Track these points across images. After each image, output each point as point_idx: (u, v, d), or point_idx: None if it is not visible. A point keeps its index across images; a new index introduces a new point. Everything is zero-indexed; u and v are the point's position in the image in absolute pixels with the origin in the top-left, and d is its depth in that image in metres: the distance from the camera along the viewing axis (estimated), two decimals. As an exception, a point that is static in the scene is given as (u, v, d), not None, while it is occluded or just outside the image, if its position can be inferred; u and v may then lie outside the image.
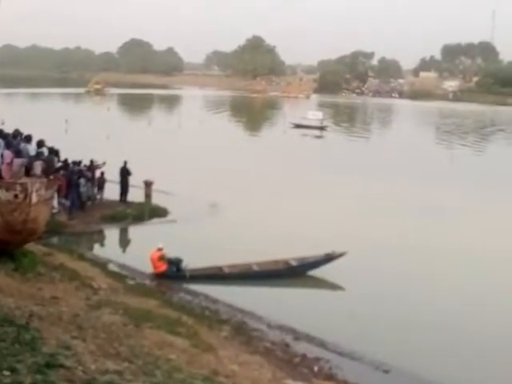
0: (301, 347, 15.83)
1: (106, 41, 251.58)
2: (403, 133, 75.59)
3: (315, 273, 21.35)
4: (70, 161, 27.27)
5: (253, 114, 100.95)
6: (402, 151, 54.50)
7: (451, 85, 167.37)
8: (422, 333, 17.18)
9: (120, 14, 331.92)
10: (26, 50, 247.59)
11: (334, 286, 20.83)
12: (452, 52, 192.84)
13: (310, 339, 16.42)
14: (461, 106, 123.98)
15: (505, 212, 31.56)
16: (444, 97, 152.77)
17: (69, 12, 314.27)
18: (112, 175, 29.50)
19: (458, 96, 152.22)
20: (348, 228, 26.41)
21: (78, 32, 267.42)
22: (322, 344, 16.18)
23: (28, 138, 19.61)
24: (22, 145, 19.11)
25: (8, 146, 18.59)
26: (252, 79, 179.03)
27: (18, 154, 18.17)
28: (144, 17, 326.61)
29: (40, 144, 20.45)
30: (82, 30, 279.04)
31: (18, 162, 17.53)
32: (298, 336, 16.51)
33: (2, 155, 18.35)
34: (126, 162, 29.60)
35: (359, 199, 32.65)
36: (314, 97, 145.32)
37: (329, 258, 21.26)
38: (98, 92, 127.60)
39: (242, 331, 16.18)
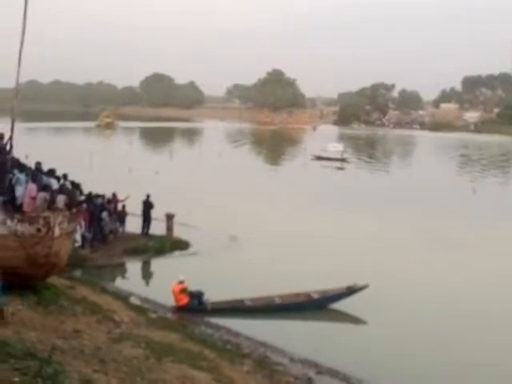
0: (324, 382, 15.68)
1: (128, 75, 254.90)
2: (425, 164, 75.27)
3: (337, 306, 21.20)
4: (92, 194, 27.54)
5: (272, 146, 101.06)
6: (424, 183, 54.23)
7: (472, 116, 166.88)
8: (446, 368, 16.93)
9: (142, 49, 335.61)
10: (50, 86, 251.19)
11: (356, 320, 20.63)
12: (472, 83, 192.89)
13: (333, 374, 16.25)
14: (482, 138, 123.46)
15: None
16: (465, 128, 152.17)
17: (90, 48, 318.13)
18: (134, 208, 29.64)
19: (479, 127, 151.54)
20: (369, 261, 26.25)
21: (101, 67, 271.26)
22: (345, 378, 16.01)
23: (51, 172, 19.81)
24: (45, 178, 19.29)
25: (33, 179, 18.79)
26: (272, 112, 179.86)
27: (42, 187, 18.34)
28: (166, 51, 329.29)
29: (63, 177, 20.67)
30: (105, 66, 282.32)
31: (41, 195, 17.69)
32: (321, 370, 16.35)
33: (25, 188, 18.56)
34: (148, 196, 29.78)
35: (381, 233, 32.49)
36: (326, 128, 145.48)
37: (351, 291, 21.12)
38: (109, 126, 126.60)
39: (264, 365, 16.04)
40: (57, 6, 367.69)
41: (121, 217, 29.02)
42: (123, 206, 29.19)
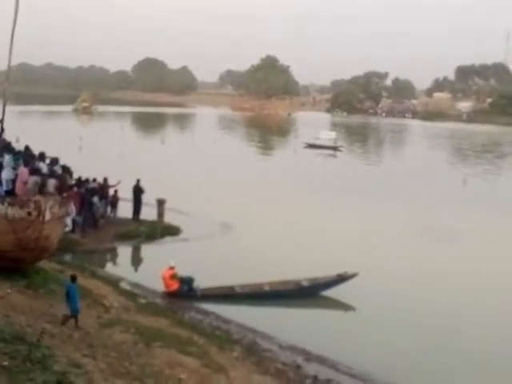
0: (312, 368, 15.72)
1: (120, 59, 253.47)
2: (416, 153, 75.45)
3: (327, 293, 21.27)
4: (83, 178, 27.48)
5: (264, 133, 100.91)
6: (415, 173, 54.40)
7: (465, 106, 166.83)
8: (436, 356, 17.04)
9: (135, 34, 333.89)
10: (41, 69, 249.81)
11: (345, 307, 20.73)
12: (466, 73, 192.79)
13: (321, 360, 16.32)
14: (474, 127, 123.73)
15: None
16: (457, 118, 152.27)
17: (84, 31, 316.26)
18: (125, 193, 29.59)
19: (472, 117, 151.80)
20: (359, 249, 26.34)
21: (93, 51, 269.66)
22: (333, 366, 16.08)
23: (41, 156, 19.77)
24: (36, 163, 19.26)
25: (25, 163, 18.76)
26: (265, 99, 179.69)
27: (33, 171, 18.31)
28: (159, 36, 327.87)
29: (53, 162, 20.64)
30: (97, 50, 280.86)
31: (32, 179, 17.67)
32: (309, 357, 16.41)
33: (14, 171, 18.54)
34: (138, 181, 29.71)
35: (372, 222, 32.57)
36: (317, 115, 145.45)
37: (341, 279, 21.19)
38: (85, 110, 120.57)
39: (253, 351, 16.09)
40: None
41: (112, 202, 28.99)
42: (115, 191, 29.14)
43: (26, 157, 19.82)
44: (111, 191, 29.09)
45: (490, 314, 20.39)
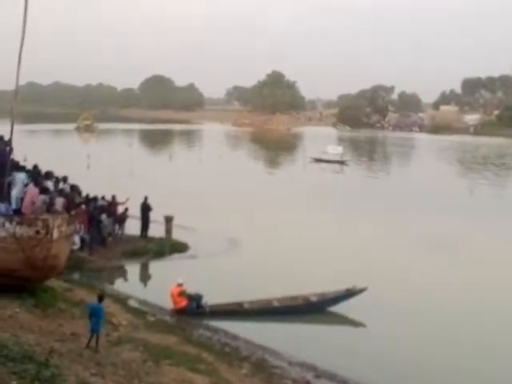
0: (322, 385, 15.65)
1: (127, 77, 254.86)
2: (423, 167, 75.32)
3: (336, 309, 21.19)
4: (91, 196, 27.56)
5: (272, 148, 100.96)
6: (422, 186, 54.23)
7: (472, 118, 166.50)
8: (448, 372, 16.93)
9: (142, 51, 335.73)
10: (49, 87, 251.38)
11: (354, 323, 20.63)
12: (472, 85, 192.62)
13: (331, 377, 16.24)
14: (481, 140, 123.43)
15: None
16: (465, 130, 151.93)
17: (90, 49, 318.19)
18: (133, 210, 29.63)
19: (479, 130, 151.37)
20: (368, 264, 26.23)
21: (101, 69, 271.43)
22: (343, 382, 16.01)
23: (48, 175, 19.85)
24: (43, 181, 19.34)
25: (35, 183, 18.82)
26: (271, 114, 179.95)
27: (42, 190, 18.38)
28: (166, 53, 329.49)
29: (63, 180, 20.74)
30: (105, 67, 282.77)
31: (41, 198, 17.74)
32: (319, 373, 16.33)
33: (23, 189, 18.59)
34: (146, 198, 29.76)
35: (380, 236, 32.46)
36: (323, 130, 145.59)
37: (349, 294, 21.11)
38: (87, 128, 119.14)
39: (263, 368, 16.04)
40: (57, 8, 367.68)
41: (120, 219, 29.01)
42: (126, 209, 29.14)
43: (35, 175, 19.90)
44: (121, 209, 29.12)
45: (504, 324, 20.29)
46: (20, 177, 19.53)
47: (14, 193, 19.10)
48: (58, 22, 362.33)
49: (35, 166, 20.91)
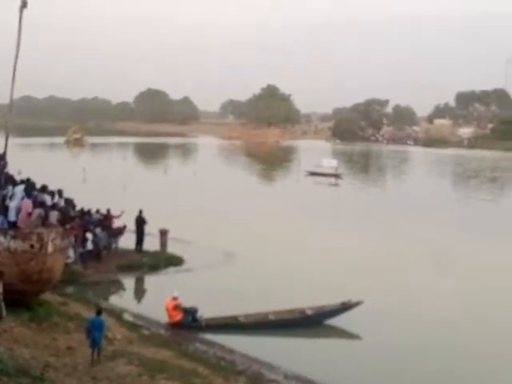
0: (318, 398, 15.59)
1: (122, 91, 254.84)
2: (417, 180, 75.61)
3: (332, 322, 21.14)
4: (85, 210, 27.52)
5: (267, 161, 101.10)
6: (417, 198, 54.35)
7: (466, 132, 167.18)
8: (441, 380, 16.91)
9: (137, 64, 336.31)
10: (44, 101, 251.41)
11: (350, 336, 20.59)
12: (466, 99, 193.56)
13: (327, 390, 16.18)
14: (475, 153, 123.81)
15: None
16: (459, 144, 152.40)
17: (84, 63, 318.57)
18: (128, 224, 29.52)
19: (473, 143, 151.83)
20: (363, 277, 26.20)
21: (95, 83, 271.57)
22: (339, 395, 15.95)
23: (43, 189, 19.81)
24: (40, 195, 19.30)
25: (28, 195, 18.78)
26: (267, 127, 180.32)
27: (38, 204, 18.32)
28: (160, 66, 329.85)
29: (58, 194, 20.70)
30: (99, 81, 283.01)
31: (36, 212, 17.71)
32: (314, 387, 16.27)
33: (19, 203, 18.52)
34: (141, 211, 29.70)
35: (376, 249, 32.46)
36: (318, 144, 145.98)
37: (345, 307, 21.07)
38: (77, 142, 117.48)
39: (259, 382, 16.00)
40: (51, 20, 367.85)
41: (115, 233, 28.90)
42: (124, 226, 29.03)
43: (29, 188, 19.87)
44: (116, 222, 29.00)
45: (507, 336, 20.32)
46: (19, 189, 19.52)
47: (13, 205, 19.07)
48: (51, 32, 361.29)
49: (28, 179, 20.85)
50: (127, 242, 29.29)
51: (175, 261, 28.19)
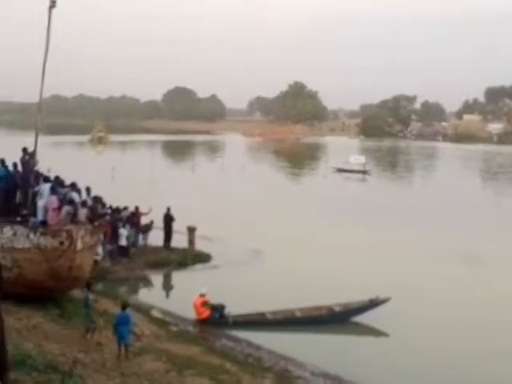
0: (345, 395, 15.56)
1: (150, 89, 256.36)
2: (447, 176, 74.75)
3: (359, 319, 21.08)
4: (114, 207, 27.71)
5: (294, 158, 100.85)
6: (447, 195, 53.85)
7: (495, 127, 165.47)
8: (472, 381, 16.76)
9: (165, 63, 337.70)
10: (74, 100, 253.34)
11: (378, 333, 20.50)
12: (496, 94, 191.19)
13: (354, 388, 16.14)
14: (506, 149, 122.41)
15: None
16: (488, 139, 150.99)
17: (112, 65, 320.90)
18: (156, 221, 29.69)
19: (503, 138, 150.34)
20: (392, 275, 26.04)
21: (124, 81, 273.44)
22: (366, 392, 15.90)
23: (73, 186, 19.93)
24: (69, 192, 19.41)
25: (53, 192, 18.90)
26: (294, 124, 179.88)
27: (67, 201, 18.44)
28: (188, 65, 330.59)
29: (86, 191, 20.82)
30: (128, 79, 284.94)
31: (65, 209, 17.83)
32: (342, 384, 16.24)
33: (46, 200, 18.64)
34: (169, 209, 29.84)
35: (405, 247, 32.19)
36: (345, 140, 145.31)
37: (373, 304, 21.00)
38: (101, 140, 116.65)
39: (285, 379, 15.99)
40: (81, 22, 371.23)
41: (143, 230, 29.06)
42: (151, 221, 29.20)
43: (55, 185, 20.00)
44: (144, 219, 29.15)
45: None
46: (46, 187, 19.65)
47: (40, 204, 19.21)
48: (81, 33, 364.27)
49: (57, 177, 21.02)
50: (156, 239, 29.48)
51: (203, 258, 28.32)
